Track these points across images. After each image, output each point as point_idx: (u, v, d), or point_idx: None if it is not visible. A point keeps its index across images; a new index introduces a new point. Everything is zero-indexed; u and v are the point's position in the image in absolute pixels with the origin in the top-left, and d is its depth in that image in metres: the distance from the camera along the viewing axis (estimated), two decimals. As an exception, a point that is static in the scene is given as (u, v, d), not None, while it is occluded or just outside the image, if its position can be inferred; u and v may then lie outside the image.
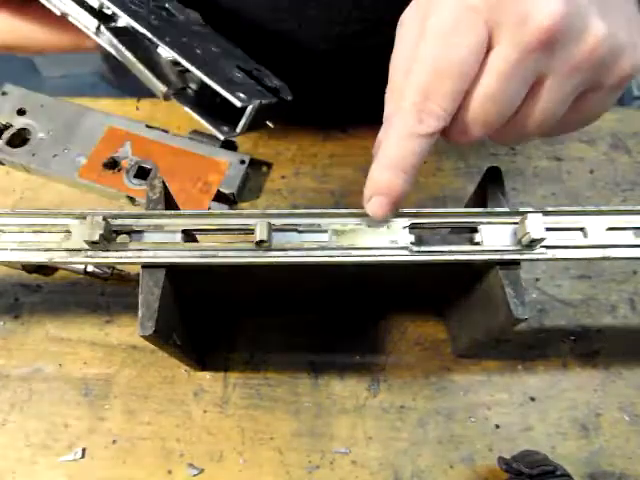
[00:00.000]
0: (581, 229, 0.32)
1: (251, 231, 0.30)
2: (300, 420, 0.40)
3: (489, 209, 0.32)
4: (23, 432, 0.40)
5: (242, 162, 0.48)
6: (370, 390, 0.41)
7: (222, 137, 0.33)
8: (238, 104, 0.31)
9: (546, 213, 0.31)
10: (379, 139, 0.29)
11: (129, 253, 0.30)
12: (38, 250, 0.31)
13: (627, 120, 0.52)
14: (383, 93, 0.30)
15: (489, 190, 0.33)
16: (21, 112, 0.50)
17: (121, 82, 0.63)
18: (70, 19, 0.33)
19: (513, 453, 0.37)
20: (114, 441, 0.40)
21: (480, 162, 0.50)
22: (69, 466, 0.39)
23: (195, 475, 0.39)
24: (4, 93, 0.51)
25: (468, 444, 0.40)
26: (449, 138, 0.29)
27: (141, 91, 0.57)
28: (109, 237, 0.30)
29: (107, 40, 0.32)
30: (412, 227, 0.31)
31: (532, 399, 0.41)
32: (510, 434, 0.40)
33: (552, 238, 0.31)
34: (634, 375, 0.42)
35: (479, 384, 0.42)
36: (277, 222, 0.31)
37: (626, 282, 0.45)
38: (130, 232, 0.31)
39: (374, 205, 0.29)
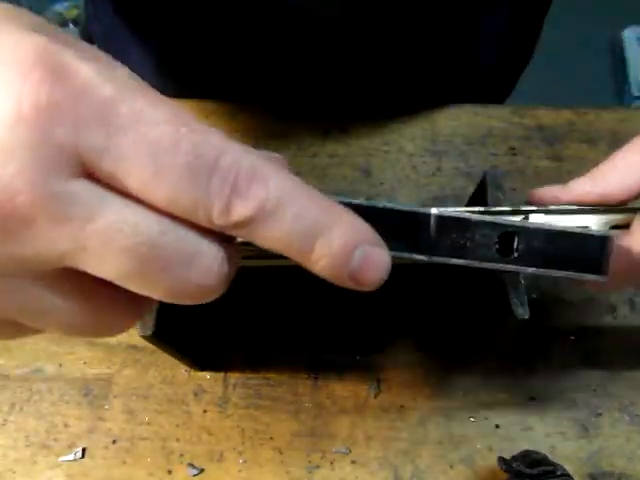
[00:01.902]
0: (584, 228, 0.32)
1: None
2: (300, 420, 0.40)
3: (490, 208, 0.32)
4: (23, 432, 0.40)
5: (242, 162, 0.48)
6: (370, 390, 0.41)
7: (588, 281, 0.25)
8: (598, 231, 0.25)
9: (548, 212, 0.31)
10: None
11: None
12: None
13: (627, 120, 0.52)
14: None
15: (489, 191, 0.33)
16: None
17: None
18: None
19: (513, 453, 0.37)
20: (114, 441, 0.40)
21: (480, 162, 0.50)
22: (69, 466, 0.39)
23: (195, 475, 0.39)
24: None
25: (468, 444, 0.40)
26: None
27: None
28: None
29: None
30: None
31: (532, 399, 0.41)
32: (510, 434, 0.40)
33: None
34: (634, 375, 0.42)
35: (479, 384, 0.42)
36: None
37: (626, 282, 0.45)
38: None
39: None
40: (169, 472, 0.39)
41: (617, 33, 1.72)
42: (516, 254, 0.24)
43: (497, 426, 0.40)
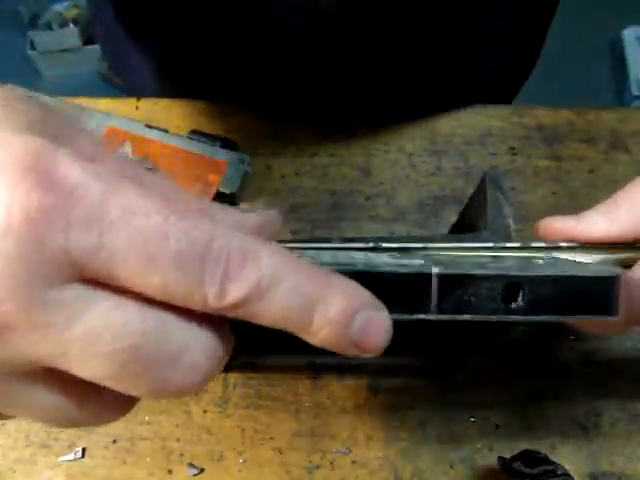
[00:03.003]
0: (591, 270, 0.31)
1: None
2: (300, 420, 0.40)
3: (498, 246, 0.30)
4: (23, 432, 0.40)
5: (242, 162, 0.48)
6: (370, 390, 0.41)
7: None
8: (607, 271, 0.24)
9: (558, 249, 0.30)
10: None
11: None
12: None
13: (627, 120, 0.52)
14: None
15: (488, 191, 0.33)
16: (21, 112, 0.50)
17: (121, 82, 0.63)
18: None
19: (513, 453, 0.37)
20: (114, 441, 0.40)
21: (480, 162, 0.50)
22: (69, 466, 0.39)
23: (195, 475, 0.39)
24: (4, 93, 0.50)
25: (468, 444, 0.40)
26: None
27: (141, 91, 0.57)
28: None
29: None
30: None
31: (532, 399, 0.41)
32: (510, 434, 0.40)
33: None
34: (634, 375, 0.42)
35: (479, 384, 0.42)
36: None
37: (626, 282, 0.45)
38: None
39: None
40: (169, 472, 0.39)
41: (617, 33, 1.72)
42: (523, 304, 0.23)
43: (497, 426, 0.40)
